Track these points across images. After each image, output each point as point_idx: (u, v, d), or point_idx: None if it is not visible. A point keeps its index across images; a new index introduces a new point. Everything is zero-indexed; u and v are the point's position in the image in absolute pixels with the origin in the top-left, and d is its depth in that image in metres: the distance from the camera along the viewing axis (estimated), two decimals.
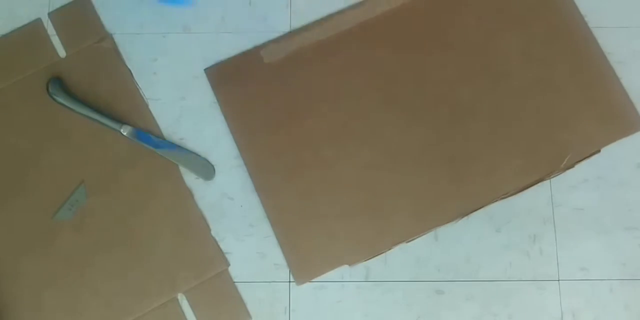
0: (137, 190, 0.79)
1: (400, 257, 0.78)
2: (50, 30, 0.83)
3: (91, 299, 0.76)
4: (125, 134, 0.79)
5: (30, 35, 0.83)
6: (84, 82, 0.81)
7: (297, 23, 0.83)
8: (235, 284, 0.77)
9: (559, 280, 0.77)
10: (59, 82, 0.80)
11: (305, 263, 0.77)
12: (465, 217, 0.78)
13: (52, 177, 0.79)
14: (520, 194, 0.78)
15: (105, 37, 0.82)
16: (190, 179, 0.80)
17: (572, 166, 0.79)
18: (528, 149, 0.79)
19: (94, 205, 0.79)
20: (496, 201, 0.78)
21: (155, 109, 0.81)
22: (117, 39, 0.83)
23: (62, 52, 0.82)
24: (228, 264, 0.77)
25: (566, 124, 0.80)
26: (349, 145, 0.79)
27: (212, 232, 0.78)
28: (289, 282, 0.77)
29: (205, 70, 0.82)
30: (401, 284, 0.77)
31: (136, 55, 0.83)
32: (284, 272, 0.77)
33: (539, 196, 0.79)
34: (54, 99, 0.80)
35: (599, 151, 0.79)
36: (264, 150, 0.80)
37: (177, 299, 0.77)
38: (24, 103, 0.81)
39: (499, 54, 0.81)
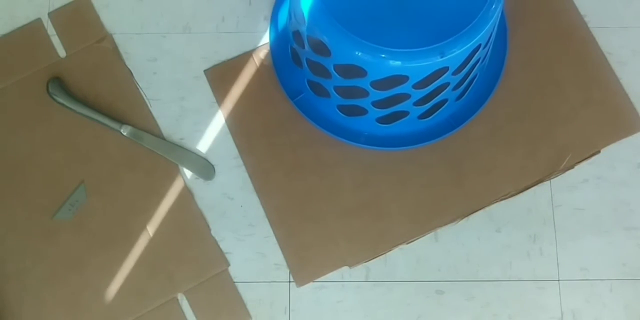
0: (137, 190, 0.79)
1: (400, 257, 0.78)
2: (50, 30, 0.83)
3: (91, 299, 0.76)
4: (125, 134, 0.79)
5: (30, 35, 0.83)
6: (84, 82, 0.81)
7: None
8: (235, 284, 0.77)
9: (559, 280, 0.77)
10: (59, 82, 0.80)
11: (305, 264, 0.77)
12: (465, 218, 0.78)
13: (52, 177, 0.79)
14: (520, 194, 0.78)
15: (105, 37, 0.82)
16: (190, 179, 0.80)
17: (572, 167, 0.79)
18: (528, 149, 0.79)
19: (94, 205, 0.79)
20: (496, 202, 0.78)
21: (155, 109, 0.81)
22: (117, 39, 0.83)
23: (62, 52, 0.82)
24: (228, 264, 0.77)
25: (566, 124, 0.80)
26: (349, 146, 0.79)
27: (212, 232, 0.78)
28: (289, 282, 0.77)
29: (204, 71, 0.82)
30: (401, 284, 0.77)
31: (136, 55, 0.83)
32: (284, 272, 0.77)
33: (539, 196, 0.79)
34: (54, 99, 0.80)
35: (599, 152, 0.79)
36: (263, 151, 0.80)
37: (177, 299, 0.77)
38: (24, 103, 0.81)
39: None
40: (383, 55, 0.62)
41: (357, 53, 0.63)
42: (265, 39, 0.82)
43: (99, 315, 0.76)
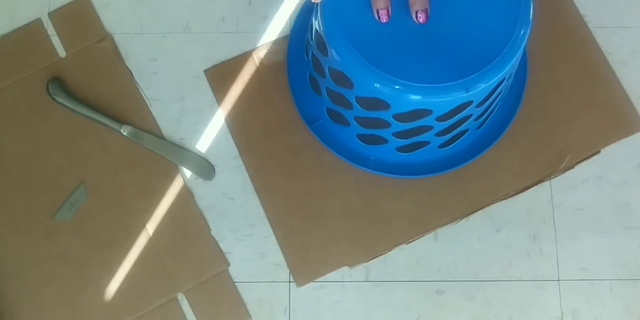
0: (137, 190, 0.79)
1: (400, 257, 0.78)
2: (50, 30, 0.83)
3: (91, 299, 0.76)
4: (125, 134, 0.79)
5: (30, 35, 0.83)
6: (84, 82, 0.81)
7: None
8: (235, 284, 0.77)
9: (559, 280, 0.77)
10: (59, 82, 0.80)
11: (305, 265, 0.77)
12: (465, 218, 0.78)
13: (52, 177, 0.79)
14: (520, 194, 0.78)
15: (105, 37, 0.82)
16: (190, 179, 0.80)
17: (572, 167, 0.79)
18: (528, 149, 0.79)
19: (94, 205, 0.79)
20: (496, 202, 0.78)
21: (155, 109, 0.81)
22: (117, 39, 0.83)
23: (62, 52, 0.82)
24: (228, 264, 0.77)
25: (566, 124, 0.80)
26: None
27: (212, 232, 0.78)
28: (289, 282, 0.77)
29: (204, 71, 0.82)
30: (401, 284, 0.77)
31: (136, 55, 0.83)
32: (284, 272, 0.77)
33: (539, 196, 0.79)
34: (54, 99, 0.80)
35: (599, 152, 0.79)
36: (263, 152, 0.80)
37: (177, 299, 0.77)
38: (24, 103, 0.81)
39: None
40: (398, 87, 0.60)
41: (376, 85, 0.60)
42: (265, 39, 0.82)
43: (99, 315, 0.76)
